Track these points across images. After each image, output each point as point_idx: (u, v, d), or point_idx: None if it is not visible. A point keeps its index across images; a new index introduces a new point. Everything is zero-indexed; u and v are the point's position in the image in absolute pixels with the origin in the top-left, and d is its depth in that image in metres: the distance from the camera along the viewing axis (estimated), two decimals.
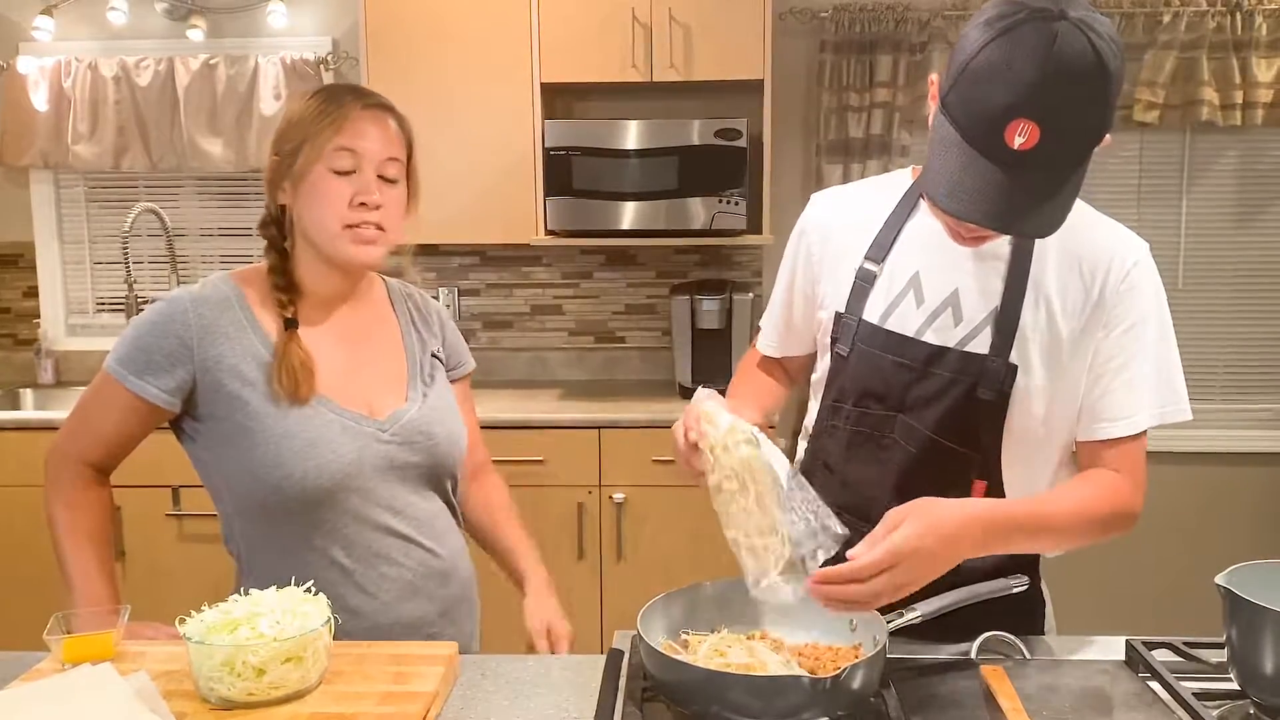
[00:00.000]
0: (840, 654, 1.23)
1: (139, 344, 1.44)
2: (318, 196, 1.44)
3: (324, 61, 3.69)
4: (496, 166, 3.41)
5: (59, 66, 3.68)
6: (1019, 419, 1.37)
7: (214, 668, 1.16)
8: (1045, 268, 1.36)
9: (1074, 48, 1.11)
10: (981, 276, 1.37)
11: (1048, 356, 1.35)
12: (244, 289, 1.50)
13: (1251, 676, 1.17)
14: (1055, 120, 1.12)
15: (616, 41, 3.32)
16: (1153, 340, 1.36)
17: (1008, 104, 1.12)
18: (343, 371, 1.50)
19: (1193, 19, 3.46)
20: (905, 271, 1.43)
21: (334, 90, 1.50)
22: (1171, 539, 3.71)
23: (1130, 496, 1.35)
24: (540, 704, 1.25)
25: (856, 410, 1.45)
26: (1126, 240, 1.38)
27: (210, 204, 3.89)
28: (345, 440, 1.45)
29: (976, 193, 1.16)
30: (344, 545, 1.46)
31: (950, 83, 1.19)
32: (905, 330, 1.40)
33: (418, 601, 1.51)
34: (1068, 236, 1.30)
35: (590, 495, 3.22)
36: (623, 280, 3.86)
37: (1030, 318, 1.35)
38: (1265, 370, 3.76)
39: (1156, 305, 1.37)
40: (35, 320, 3.89)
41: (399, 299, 1.64)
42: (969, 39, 1.17)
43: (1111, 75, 1.13)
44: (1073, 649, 1.41)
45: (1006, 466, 1.39)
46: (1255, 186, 3.70)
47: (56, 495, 1.53)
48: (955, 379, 1.36)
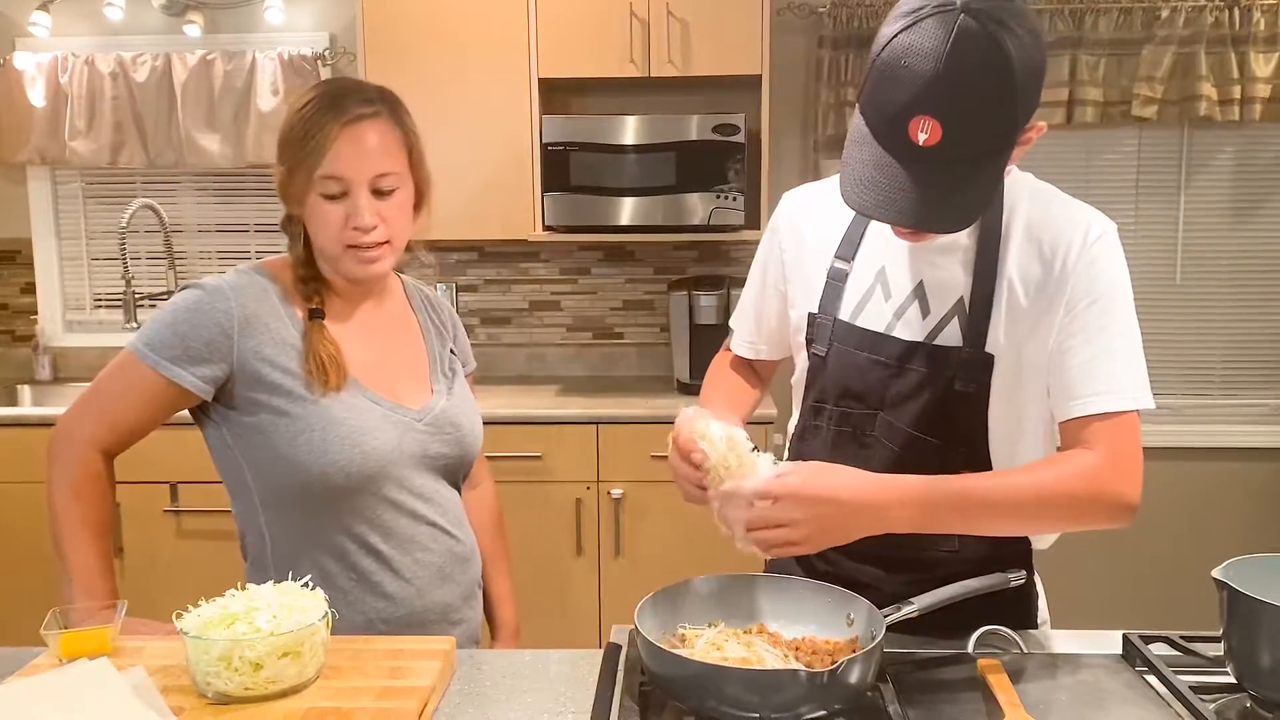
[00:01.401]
0: (837, 648, 1.23)
1: (176, 330, 1.42)
2: (315, 220, 1.45)
3: (321, 57, 3.69)
4: (494, 162, 3.41)
5: (56, 62, 3.68)
6: (1000, 408, 1.35)
7: (211, 662, 1.16)
8: (1008, 250, 1.33)
9: (974, 42, 1.09)
10: (945, 266, 1.36)
11: (1016, 341, 1.33)
12: (276, 280, 1.50)
13: (1248, 670, 1.17)
14: (957, 116, 1.11)
15: (614, 37, 3.32)
16: (1119, 319, 1.31)
17: (908, 100, 1.12)
18: (372, 363, 1.51)
19: (1190, 14, 3.46)
20: (873, 267, 1.42)
21: (327, 98, 1.44)
22: (1169, 533, 3.71)
23: (1109, 478, 1.27)
24: (537, 699, 1.25)
25: (838, 410, 1.44)
26: (1089, 217, 1.34)
27: (207, 200, 3.89)
28: (386, 427, 1.47)
29: (885, 190, 1.16)
30: (382, 532, 1.48)
31: (864, 80, 1.19)
32: (876, 327, 1.40)
33: (448, 587, 1.55)
34: (1031, 218, 1.32)
35: (588, 491, 3.22)
36: (621, 276, 3.86)
37: (1000, 304, 1.33)
38: (1262, 365, 3.76)
39: (1123, 286, 1.32)
40: (32, 317, 3.89)
41: (415, 296, 1.68)
42: (879, 35, 1.16)
43: (1015, 70, 1.11)
44: (1070, 643, 1.41)
45: (995, 459, 1.37)
46: (1253, 182, 3.70)
47: (62, 480, 1.47)
48: (932, 373, 1.35)
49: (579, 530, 3.23)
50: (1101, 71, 3.52)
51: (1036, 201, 1.35)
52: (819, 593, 1.31)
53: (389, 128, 1.46)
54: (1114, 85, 3.53)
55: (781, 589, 1.33)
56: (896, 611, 1.25)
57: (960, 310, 1.35)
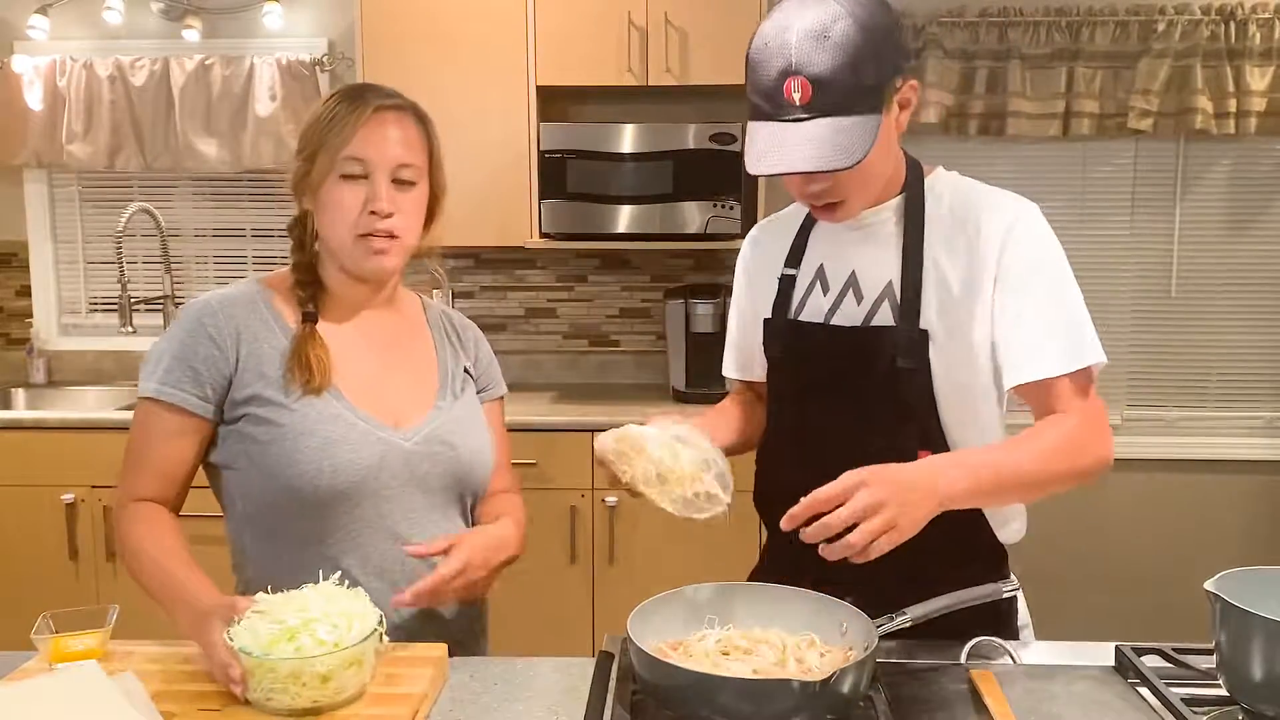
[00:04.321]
0: (829, 655, 1.23)
1: (179, 356, 1.41)
2: (331, 205, 1.44)
3: (320, 63, 3.69)
4: (491, 169, 3.41)
5: (54, 66, 3.68)
6: (946, 386, 1.42)
7: (278, 679, 1.15)
8: (933, 234, 1.44)
9: (821, 10, 1.28)
10: (874, 255, 1.46)
11: (948, 317, 1.41)
12: (270, 289, 1.49)
13: (1240, 683, 1.17)
14: (820, 72, 1.28)
15: (612, 45, 3.33)
16: (1059, 283, 1.39)
17: (780, 67, 1.29)
18: (369, 376, 1.49)
19: (1187, 27, 3.48)
20: (812, 266, 1.54)
21: (353, 91, 1.47)
22: (1162, 545, 3.71)
23: (1088, 442, 1.34)
24: (529, 706, 1.25)
25: (794, 408, 1.53)
26: (1010, 200, 1.45)
27: (205, 205, 3.89)
28: (365, 443, 1.42)
29: (777, 149, 1.30)
30: (359, 557, 1.44)
31: (746, 77, 1.35)
32: (816, 319, 1.50)
33: (437, 625, 1.48)
34: (953, 203, 1.45)
35: (583, 499, 3.22)
36: (617, 284, 3.86)
37: (929, 282, 1.42)
38: (1257, 378, 3.77)
39: (1054, 253, 1.40)
40: (28, 320, 3.88)
41: (434, 314, 1.65)
42: (752, 40, 1.34)
43: (859, 26, 1.27)
44: (1062, 654, 1.41)
45: (951, 432, 1.43)
46: (1249, 195, 3.71)
47: (131, 531, 1.41)
48: (873, 354, 1.43)
49: (573, 538, 3.23)
50: (1098, 84, 3.53)
51: (958, 191, 1.47)
52: (812, 601, 1.31)
53: (413, 124, 1.49)
54: (1110, 97, 3.54)
55: (775, 598, 1.33)
56: (889, 621, 1.25)
57: (890, 294, 1.44)
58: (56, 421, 3.30)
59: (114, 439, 3.20)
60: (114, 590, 3.25)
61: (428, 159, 1.51)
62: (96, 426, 3.25)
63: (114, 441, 3.19)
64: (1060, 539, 3.56)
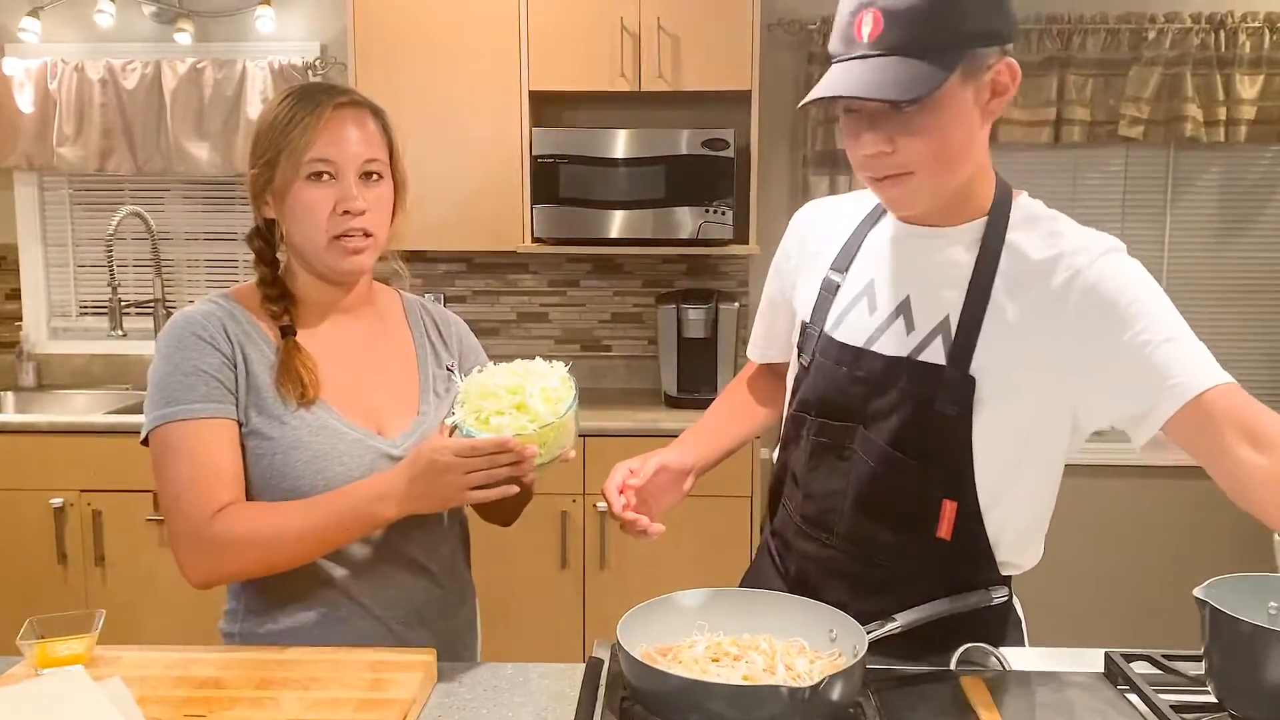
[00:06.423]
0: (819, 661, 1.23)
1: (192, 372, 1.38)
2: (300, 209, 1.41)
3: (312, 67, 3.69)
4: (484, 173, 3.41)
5: (45, 68, 3.67)
6: (988, 436, 1.30)
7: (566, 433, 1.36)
8: (1004, 272, 1.30)
9: None
10: (934, 284, 1.34)
11: (1005, 365, 1.28)
12: (240, 304, 1.46)
13: (1229, 689, 1.17)
14: (895, 9, 1.20)
15: (605, 51, 3.33)
16: (1166, 314, 1.26)
17: (853, 6, 1.24)
18: (347, 382, 1.46)
19: (1177, 36, 3.49)
20: (862, 279, 1.41)
21: (306, 91, 1.44)
22: (1151, 552, 3.73)
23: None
24: (518, 712, 1.24)
25: (817, 421, 1.42)
26: (1093, 237, 1.32)
27: (196, 208, 3.88)
28: (355, 454, 1.41)
29: (829, 82, 1.25)
30: (348, 565, 1.43)
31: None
32: (855, 340, 1.38)
33: (425, 631, 1.48)
34: (1032, 242, 1.31)
35: (574, 504, 3.21)
36: (609, 289, 3.86)
37: (989, 326, 1.29)
38: (1247, 385, 3.72)
39: (1150, 287, 1.28)
40: (17, 323, 3.87)
41: (414, 312, 1.62)
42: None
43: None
44: (1051, 661, 1.41)
45: (982, 487, 1.32)
46: (1238, 202, 3.73)
47: (247, 528, 1.35)
48: (911, 391, 1.31)
49: (564, 543, 3.22)
50: (1089, 92, 3.55)
51: (1038, 226, 1.33)
52: (802, 607, 1.31)
53: (371, 119, 1.46)
54: (1101, 105, 3.56)
55: (765, 603, 1.33)
56: (880, 627, 1.25)
57: (944, 330, 1.31)
58: (46, 425, 3.28)
59: (103, 443, 3.23)
60: (102, 595, 3.23)
61: (388, 153, 1.48)
62: (86, 430, 3.24)
63: (103, 446, 3.22)
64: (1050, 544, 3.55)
